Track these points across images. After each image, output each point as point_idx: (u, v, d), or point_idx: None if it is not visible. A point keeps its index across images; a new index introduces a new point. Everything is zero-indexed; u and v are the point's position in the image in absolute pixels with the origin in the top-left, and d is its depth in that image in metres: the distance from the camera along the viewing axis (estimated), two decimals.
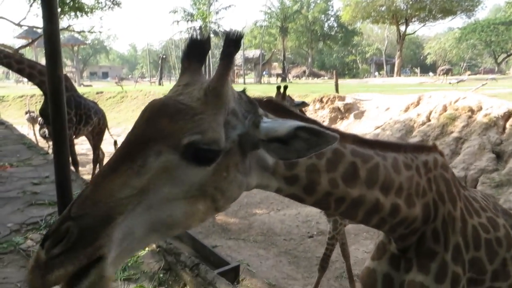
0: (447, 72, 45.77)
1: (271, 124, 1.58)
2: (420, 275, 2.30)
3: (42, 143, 16.15)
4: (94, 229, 1.21)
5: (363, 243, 8.78)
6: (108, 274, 1.23)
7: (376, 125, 16.40)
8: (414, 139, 13.95)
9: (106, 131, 11.11)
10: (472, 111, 13.87)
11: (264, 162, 1.72)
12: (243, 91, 1.70)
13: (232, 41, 1.49)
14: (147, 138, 1.38)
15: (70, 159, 6.29)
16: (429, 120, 14.78)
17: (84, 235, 1.19)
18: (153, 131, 1.39)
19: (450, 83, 31.21)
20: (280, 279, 6.84)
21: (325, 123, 18.88)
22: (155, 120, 1.41)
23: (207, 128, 1.42)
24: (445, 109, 14.61)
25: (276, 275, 6.95)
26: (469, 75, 53.49)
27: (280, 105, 1.86)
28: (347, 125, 18.09)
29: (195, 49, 1.63)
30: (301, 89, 27.39)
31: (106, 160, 11.49)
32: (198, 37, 1.62)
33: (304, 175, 1.82)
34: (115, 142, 11.72)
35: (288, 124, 1.54)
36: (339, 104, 19.38)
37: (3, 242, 5.41)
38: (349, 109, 19.12)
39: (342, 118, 18.98)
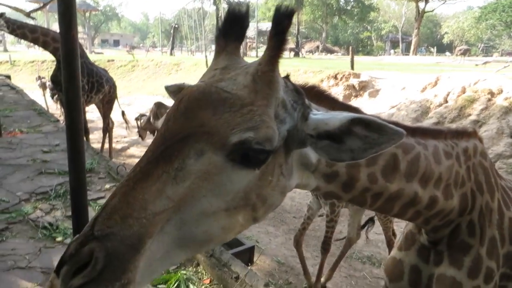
0: (464, 53, 44.62)
1: (321, 116, 1.36)
2: (452, 269, 2.18)
3: (53, 109, 16.11)
4: (124, 256, 1.00)
5: (375, 224, 8.66)
6: None
7: (391, 105, 16.07)
8: (430, 120, 13.65)
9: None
10: (492, 94, 13.49)
11: (307, 160, 1.52)
12: (287, 77, 1.45)
13: (284, 17, 1.24)
14: (186, 135, 1.16)
15: None
16: (446, 101, 14.43)
17: (112, 263, 0.98)
18: (193, 126, 1.17)
19: (476, 64, 30.20)
20: (289, 257, 6.78)
21: None
22: (195, 113, 1.19)
23: (260, 123, 1.20)
24: (463, 90, 14.22)
25: (285, 253, 6.89)
26: (488, 56, 52.12)
27: (325, 93, 1.63)
28: (361, 104, 17.77)
29: (234, 26, 1.37)
30: (314, 64, 26.96)
31: (115, 129, 11.43)
32: (237, 11, 1.34)
33: (344, 171, 1.64)
34: (123, 113, 11.60)
35: (341, 116, 1.32)
36: (354, 81, 18.99)
37: (12, 211, 5.36)
38: (363, 87, 18.74)
39: (356, 96, 18.65)
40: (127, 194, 1.08)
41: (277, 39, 1.25)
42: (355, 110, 1.65)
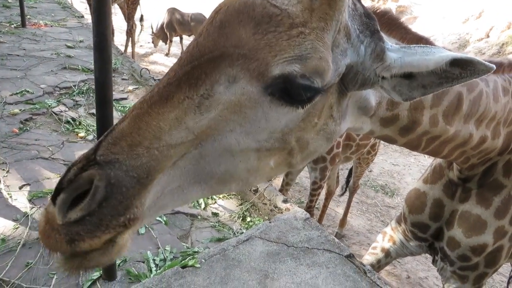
0: None
1: (404, 55, 1.13)
2: (479, 207, 2.13)
3: (77, 3, 15.69)
4: (128, 189, 0.86)
5: (392, 155, 8.64)
6: (129, 242, 0.93)
7: (429, 34, 15.21)
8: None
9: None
10: None
11: (366, 103, 1.32)
12: None
13: None
14: (217, 55, 0.95)
15: None
16: (488, 36, 13.58)
17: (114, 196, 0.85)
18: (227, 46, 0.96)
19: None
20: (303, 177, 6.87)
21: None
22: (232, 28, 0.97)
23: (311, 51, 0.97)
24: (509, 26, 13.27)
25: (301, 174, 6.96)
26: None
27: (397, 20, 1.38)
28: None
29: None
30: None
31: (136, 33, 11.15)
32: None
33: (405, 114, 1.47)
34: (142, 17, 11.22)
35: (437, 57, 1.09)
36: (392, 5, 17.84)
37: (36, 103, 5.40)
38: (401, 12, 17.63)
39: None
40: (139, 119, 0.91)
41: None
42: (427, 41, 1.43)
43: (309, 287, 2.66)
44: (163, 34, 12.95)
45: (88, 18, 10.89)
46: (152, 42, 11.99)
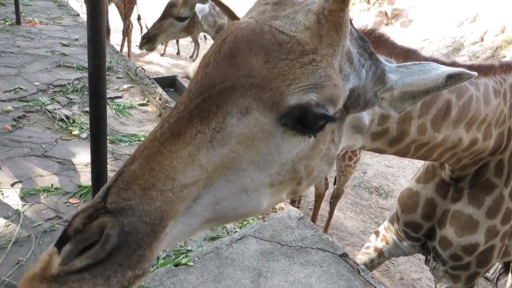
0: None
1: (402, 75, 1.15)
2: (471, 207, 2.15)
3: (73, 2, 15.62)
4: (143, 237, 0.77)
5: (386, 157, 8.66)
6: None
7: (424, 37, 15.28)
8: (462, 58, 13.04)
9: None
10: None
11: (360, 123, 1.34)
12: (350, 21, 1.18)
13: None
14: (228, 86, 0.91)
15: None
16: (482, 40, 13.65)
17: (127, 245, 0.75)
18: (239, 76, 0.92)
19: None
20: None
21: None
22: (242, 57, 0.93)
23: (325, 79, 0.96)
24: (503, 30, 13.36)
25: None
26: None
27: (384, 37, 1.42)
28: (392, 33, 16.94)
29: None
30: None
31: (134, 33, 11.11)
32: None
33: (394, 126, 1.50)
34: (139, 17, 11.17)
35: (434, 75, 1.12)
36: (387, 8, 17.90)
37: (30, 100, 5.35)
38: (396, 15, 17.70)
39: (387, 24, 17.70)
40: (151, 158, 0.84)
41: None
42: (414, 52, 1.48)
43: (303, 286, 2.66)
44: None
45: (84, 17, 10.83)
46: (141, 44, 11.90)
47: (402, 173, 8.06)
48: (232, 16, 3.89)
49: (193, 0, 3.65)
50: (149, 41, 3.79)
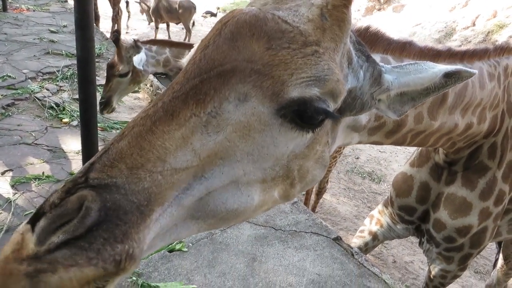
0: None
1: (398, 75, 1.14)
2: (464, 189, 2.16)
3: None
4: (127, 213, 0.72)
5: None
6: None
7: (416, 22, 15.25)
8: (454, 43, 13.05)
9: None
10: None
11: (356, 123, 1.33)
12: None
13: None
14: (227, 69, 0.87)
15: None
16: (474, 24, 13.66)
17: (110, 220, 0.70)
18: (240, 59, 0.88)
19: None
20: None
21: (360, 13, 17.66)
22: (244, 41, 0.90)
23: (328, 73, 0.93)
24: (495, 15, 13.37)
25: None
26: None
27: (379, 33, 1.40)
28: (384, 18, 16.86)
29: None
30: None
31: (123, 19, 10.96)
32: None
33: (391, 120, 1.48)
34: (127, 3, 11.02)
35: (430, 74, 1.11)
36: None
37: (19, 88, 5.27)
38: (388, 0, 17.63)
39: (379, 10, 17.64)
40: (142, 137, 0.80)
41: None
42: (410, 44, 1.47)
43: (297, 270, 2.67)
44: (149, 19, 12.75)
45: (72, 3, 10.65)
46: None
47: (395, 158, 8.10)
48: (171, 44, 4.01)
49: (127, 54, 3.77)
50: (107, 104, 3.91)
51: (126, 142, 0.80)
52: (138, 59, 3.64)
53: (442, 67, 1.12)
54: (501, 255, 3.87)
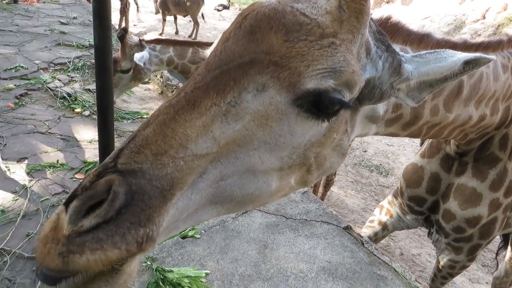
0: None
1: (418, 65, 1.16)
2: (474, 180, 2.17)
3: None
4: (151, 198, 0.77)
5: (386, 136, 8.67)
6: (136, 271, 0.83)
7: (425, 15, 15.12)
8: (463, 36, 12.92)
9: None
10: None
11: (374, 113, 1.34)
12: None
13: None
14: (247, 61, 0.92)
15: None
16: (484, 17, 13.51)
17: (135, 203, 0.75)
18: (258, 52, 0.92)
19: None
20: None
21: None
22: (262, 34, 0.94)
23: (344, 64, 0.95)
24: (505, 7, 13.22)
25: None
26: None
27: (400, 24, 1.41)
28: (392, 11, 16.74)
29: None
30: None
31: (131, 13, 11.00)
32: None
33: (408, 111, 1.50)
34: None
35: (450, 63, 1.12)
36: None
37: (31, 78, 5.34)
38: None
39: (388, 2, 17.50)
40: (165, 125, 0.85)
41: None
42: (429, 36, 1.48)
43: (308, 257, 2.72)
44: (157, 9, 12.77)
45: None
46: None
47: (403, 151, 8.09)
48: (175, 43, 4.03)
49: (131, 51, 3.80)
50: None
51: (151, 130, 0.85)
52: (139, 56, 3.70)
53: (461, 56, 1.13)
54: (509, 248, 3.88)
